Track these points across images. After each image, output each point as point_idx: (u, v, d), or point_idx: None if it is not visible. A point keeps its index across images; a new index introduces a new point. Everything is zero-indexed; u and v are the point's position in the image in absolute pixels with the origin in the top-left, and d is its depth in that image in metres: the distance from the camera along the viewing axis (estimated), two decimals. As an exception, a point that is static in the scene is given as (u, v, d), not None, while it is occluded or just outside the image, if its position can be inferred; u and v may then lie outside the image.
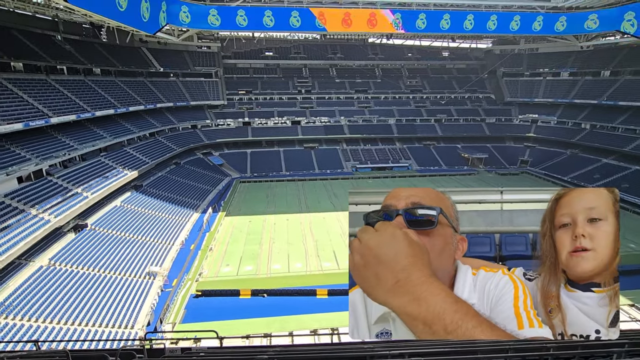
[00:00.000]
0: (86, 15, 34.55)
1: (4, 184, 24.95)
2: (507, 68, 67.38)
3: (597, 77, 58.27)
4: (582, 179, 48.24)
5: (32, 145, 30.27)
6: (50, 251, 24.60)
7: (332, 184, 50.32)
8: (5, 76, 32.43)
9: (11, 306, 19.08)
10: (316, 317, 20.81)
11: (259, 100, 64.25)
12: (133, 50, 54.44)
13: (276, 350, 4.55)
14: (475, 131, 64.04)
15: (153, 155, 43.74)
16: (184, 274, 26.37)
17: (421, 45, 73.11)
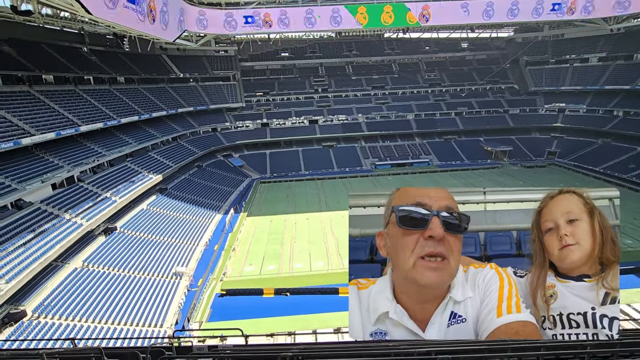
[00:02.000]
0: (109, 27, 35.92)
1: (40, 190, 26.37)
2: (530, 56, 64.80)
3: (630, 61, 55.03)
4: (615, 169, 45.76)
5: (64, 153, 31.83)
6: (84, 254, 25.79)
7: (352, 181, 50.08)
8: (37, 88, 34.25)
9: (50, 306, 20.16)
10: (339, 315, 20.76)
11: (277, 101, 64.79)
12: (154, 58, 56.18)
13: (300, 348, 4.57)
14: (498, 123, 61.98)
15: (176, 159, 45.00)
16: (208, 274, 27.00)
17: (439, 37, 71.41)
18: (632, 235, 28.56)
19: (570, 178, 46.64)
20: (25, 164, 27.74)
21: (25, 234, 22.24)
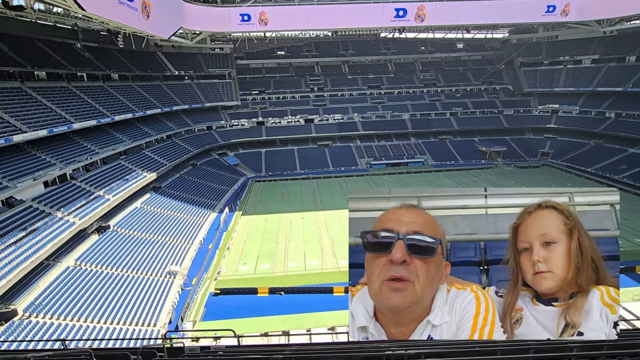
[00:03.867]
0: (103, 23, 35.52)
1: (31, 188, 26.05)
2: (525, 57, 65.30)
3: (622, 63, 55.71)
4: (607, 170, 46.34)
5: (56, 150, 31.46)
6: (76, 252, 25.54)
7: (347, 181, 50.15)
8: (30, 85, 33.79)
9: (41, 305, 19.94)
10: (333, 314, 20.83)
11: (272, 99, 64.61)
12: (149, 55, 55.69)
13: (292, 350, 4.56)
14: (493, 124, 62.45)
15: (170, 157, 44.69)
16: (203, 273, 26.89)
17: (434, 37, 71.72)
18: (623, 235, 28.97)
19: (562, 178, 47.15)
20: (17, 162, 27.37)
21: (16, 232, 21.96)
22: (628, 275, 23.21)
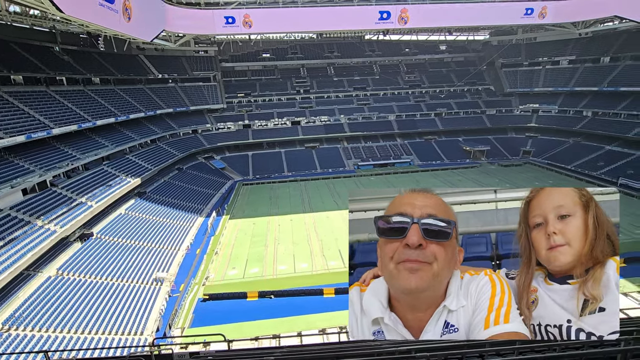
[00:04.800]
0: (83, 25, 34.71)
1: (9, 196, 25.14)
2: (505, 59, 67.03)
3: (597, 64, 57.82)
4: (585, 167, 47.92)
5: (35, 156, 30.47)
6: (58, 261, 24.77)
7: (335, 182, 50.29)
8: (5, 89, 32.68)
9: (22, 317, 19.24)
10: (324, 316, 20.82)
11: (258, 102, 64.32)
12: (131, 58, 54.66)
13: (283, 352, 4.55)
14: (476, 123, 63.79)
15: (155, 161, 43.90)
16: (190, 279, 26.46)
17: (418, 39, 72.88)
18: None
19: (544, 176, 48.49)
20: (-7, 169, 26.41)
21: (-7, 243, 21.15)
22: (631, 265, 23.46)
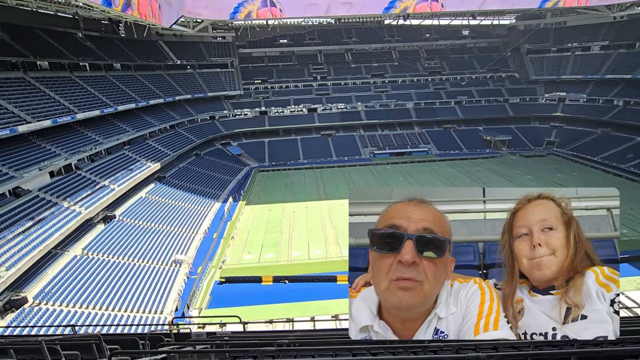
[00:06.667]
0: (104, 11, 35.18)
1: (37, 178, 26.30)
2: (531, 44, 64.02)
3: (632, 50, 54.47)
4: (613, 159, 45.84)
5: (61, 140, 31.62)
6: (83, 241, 25.92)
7: (350, 170, 50.09)
8: (32, 75, 33.78)
9: (50, 293, 20.37)
10: (337, 302, 21.08)
11: (275, 88, 64.16)
12: (150, 44, 55.27)
13: (297, 335, 4.64)
14: (498, 112, 61.70)
15: (174, 147, 44.79)
16: (208, 262, 27.22)
17: (440, 24, 70.32)
18: (628, 224, 28.83)
19: (568, 168, 46.76)
20: (22, 152, 27.58)
21: (24, 222, 22.28)
22: (632, 264, 23.18)
